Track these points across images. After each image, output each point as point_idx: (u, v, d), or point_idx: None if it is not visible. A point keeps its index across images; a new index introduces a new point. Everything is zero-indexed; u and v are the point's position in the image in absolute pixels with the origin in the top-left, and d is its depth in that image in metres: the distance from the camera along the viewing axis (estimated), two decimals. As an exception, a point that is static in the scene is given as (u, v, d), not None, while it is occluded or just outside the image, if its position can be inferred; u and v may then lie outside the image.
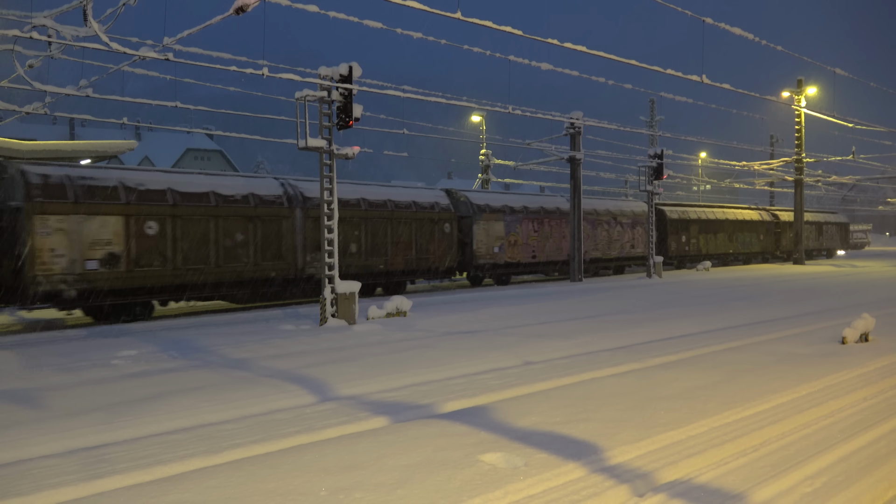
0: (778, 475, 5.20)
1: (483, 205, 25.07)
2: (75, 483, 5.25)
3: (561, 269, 28.78)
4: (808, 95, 38.54)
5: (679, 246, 35.98)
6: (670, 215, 35.31)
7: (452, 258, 23.30)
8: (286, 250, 18.45)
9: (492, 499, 4.64)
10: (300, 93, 14.31)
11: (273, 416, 7.14)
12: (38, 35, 11.46)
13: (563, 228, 28.12)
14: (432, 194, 23.60)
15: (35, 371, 9.73)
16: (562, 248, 28.11)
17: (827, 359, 9.59)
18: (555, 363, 9.91)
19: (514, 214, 26.12)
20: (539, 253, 27.11)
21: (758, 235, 42.52)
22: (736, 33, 16.18)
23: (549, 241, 27.67)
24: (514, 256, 26.01)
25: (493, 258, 25.12)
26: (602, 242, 30.67)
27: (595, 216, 30.39)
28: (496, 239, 25.21)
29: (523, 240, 26.37)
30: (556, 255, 28.06)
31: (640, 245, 32.90)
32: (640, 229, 32.88)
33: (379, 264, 20.92)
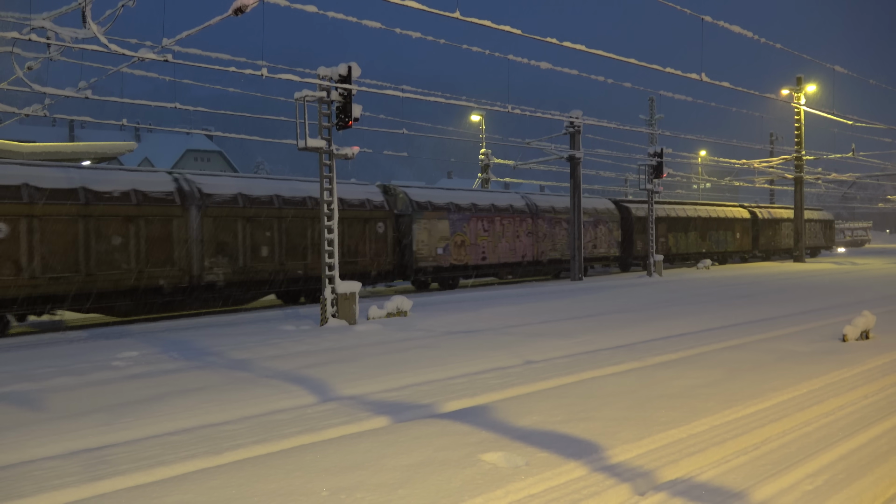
0: (779, 473, 5.20)
1: (424, 202, 23.12)
2: (77, 484, 5.25)
3: (515, 272, 27.02)
4: (807, 93, 38.54)
5: (645, 246, 33.35)
6: (636, 213, 33.38)
7: (388, 261, 21.37)
8: (179, 255, 16.39)
9: (493, 498, 4.64)
10: (299, 93, 14.31)
11: (274, 417, 7.14)
12: (37, 37, 11.47)
13: (517, 227, 26.44)
14: (363, 190, 21.43)
15: (36, 372, 9.73)
16: (516, 248, 26.38)
17: (828, 356, 9.59)
18: (555, 362, 9.91)
19: (460, 212, 24.13)
20: (490, 254, 25.19)
21: (734, 234, 40.68)
22: (735, 31, 16.19)
23: (501, 242, 25.81)
24: (461, 258, 24.02)
25: (437, 260, 23.14)
26: (561, 242, 28.81)
27: (553, 214, 28.49)
28: (440, 239, 23.24)
29: (471, 240, 24.41)
30: (510, 257, 26.25)
31: (604, 245, 31.12)
32: (604, 228, 31.13)
33: (297, 269, 18.81)
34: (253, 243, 17.89)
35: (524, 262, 26.73)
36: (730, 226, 40.24)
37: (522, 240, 26.71)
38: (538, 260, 27.37)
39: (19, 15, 12.43)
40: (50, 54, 13.35)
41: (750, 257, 43.35)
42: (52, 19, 11.81)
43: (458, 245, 23.97)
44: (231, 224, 17.46)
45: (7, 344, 12.94)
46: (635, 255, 33.10)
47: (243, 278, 17.65)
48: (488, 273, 25.88)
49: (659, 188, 29.63)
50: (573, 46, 14.05)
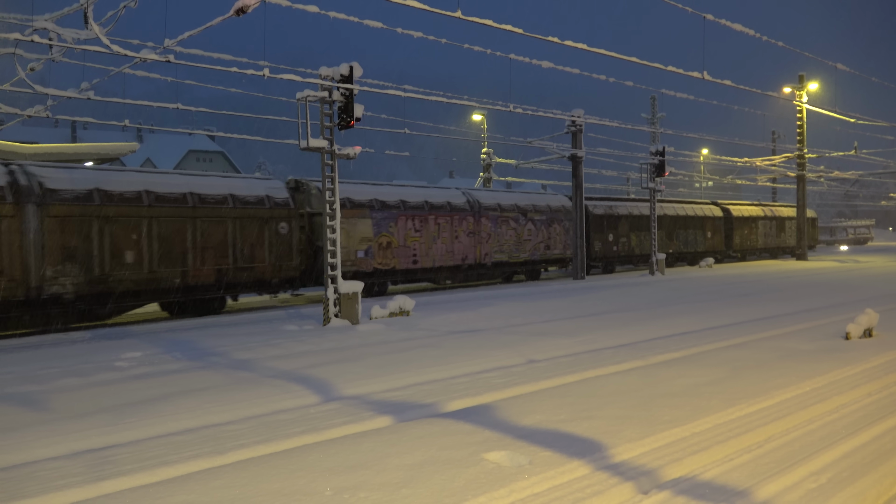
0: (782, 471, 5.20)
1: (342, 199, 20.50)
2: (81, 485, 5.27)
3: (455, 277, 24.26)
4: (809, 91, 38.48)
5: (605, 246, 31.22)
6: (594, 211, 30.63)
7: (294, 266, 18.75)
8: (9, 262, 13.92)
9: (496, 497, 4.65)
10: (301, 93, 14.32)
11: (277, 417, 7.15)
12: (39, 38, 11.49)
13: (455, 227, 23.68)
14: (262, 186, 18.78)
15: (40, 373, 9.75)
16: (454, 250, 23.58)
17: (830, 355, 9.58)
18: (558, 361, 9.91)
19: (385, 210, 21.51)
20: (422, 257, 22.41)
21: (704, 233, 37.88)
22: (737, 29, 16.17)
23: (436, 243, 23.04)
24: (387, 262, 21.46)
25: (357, 265, 20.54)
26: (509, 243, 26.07)
27: (499, 212, 25.77)
28: (361, 241, 20.63)
29: (399, 241, 21.73)
30: (448, 260, 23.43)
31: (559, 245, 28.35)
32: (559, 227, 28.40)
33: (174, 277, 16.23)
34: (114, 248, 15.39)
35: (465, 265, 23.99)
36: (700, 224, 37.64)
37: (462, 241, 23.98)
38: (481, 263, 24.64)
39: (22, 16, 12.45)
40: (52, 55, 13.39)
41: (724, 258, 40.73)
42: (55, 20, 11.84)
43: (384, 247, 21.33)
44: (84, 225, 15.00)
45: (10, 345, 12.97)
46: (593, 256, 30.49)
47: (101, 289, 15.21)
48: (422, 278, 23.39)
49: (661, 187, 29.61)
50: (575, 45, 14.05)
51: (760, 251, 43.38)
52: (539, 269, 28.22)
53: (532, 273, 28.21)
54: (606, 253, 31.20)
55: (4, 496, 5.04)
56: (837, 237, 74.05)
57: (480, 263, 24.58)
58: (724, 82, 18.20)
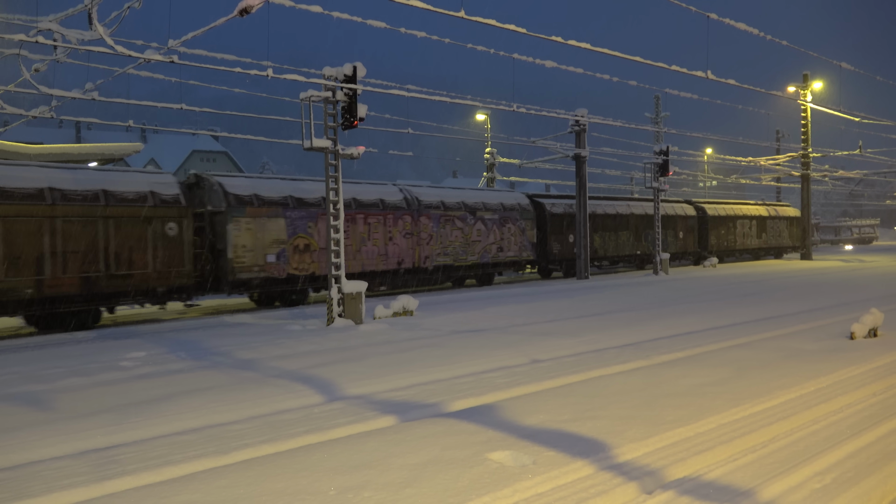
0: (787, 471, 5.19)
1: (247, 195, 18.08)
2: (86, 484, 5.28)
3: (389, 282, 21.87)
4: (813, 90, 38.40)
5: (565, 248, 28.81)
6: (551, 209, 28.36)
7: (187, 272, 16.50)
8: None
9: (500, 497, 4.65)
10: (305, 93, 14.34)
11: (281, 416, 7.16)
12: (43, 39, 11.52)
13: (389, 227, 21.42)
14: (146, 180, 16.38)
15: (45, 373, 9.78)
16: (388, 253, 21.36)
17: (835, 354, 9.56)
18: (562, 361, 9.90)
19: (303, 209, 19.14)
20: (349, 261, 20.07)
21: (675, 233, 35.43)
22: (741, 28, 16.13)
23: (366, 245, 20.73)
24: (305, 267, 19.09)
25: (267, 270, 18.13)
26: (454, 245, 23.63)
27: (442, 211, 23.32)
28: (272, 243, 18.30)
29: (321, 243, 19.40)
30: (380, 264, 21.17)
31: (513, 247, 26.15)
32: (513, 227, 26.14)
33: (24, 287, 13.87)
34: None
35: (401, 269, 21.71)
36: (670, 224, 35.25)
37: (398, 242, 21.63)
38: (421, 267, 22.27)
39: (26, 17, 12.49)
40: (56, 56, 13.43)
41: (698, 260, 38.43)
42: (59, 21, 11.87)
43: (301, 250, 18.93)
44: None
45: (15, 345, 13.01)
46: (552, 258, 28.31)
47: None
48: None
49: (665, 186, 29.58)
50: (578, 45, 14.04)
51: (740, 252, 41.08)
52: (491, 273, 26.11)
53: (484, 278, 26.19)
54: (566, 255, 28.86)
55: (10, 495, 5.06)
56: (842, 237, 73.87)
57: (420, 267, 22.22)
58: (728, 81, 18.16)
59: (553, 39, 13.67)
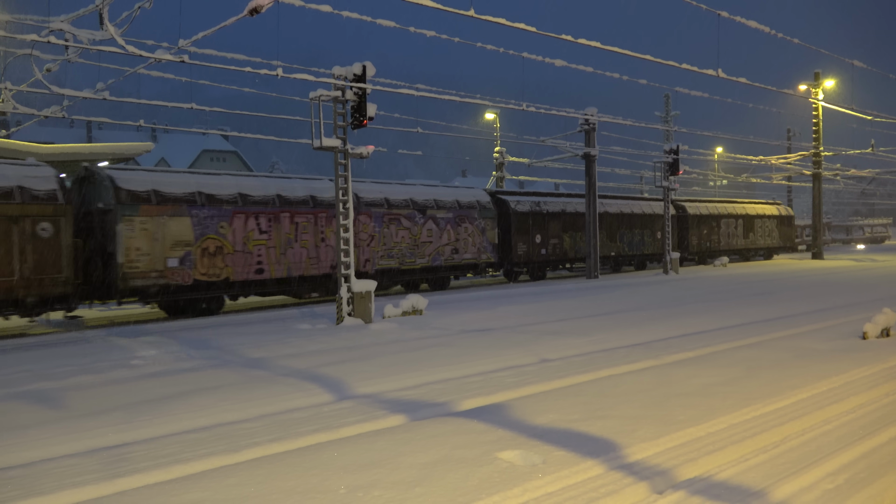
0: (799, 472, 5.15)
1: (144, 191, 16.02)
2: (97, 482, 5.31)
3: (322, 288, 19.82)
4: (825, 88, 38.14)
5: (532, 249, 26.80)
6: (515, 207, 26.33)
7: (64, 279, 14.57)
8: None
9: (510, 496, 4.64)
10: (314, 93, 14.36)
11: (291, 415, 7.17)
12: (55, 39, 11.59)
13: (323, 227, 19.31)
14: (16, 174, 14.49)
15: (56, 371, 9.84)
16: (320, 256, 19.22)
17: (847, 354, 9.49)
18: (571, 360, 9.88)
19: (214, 206, 17.12)
20: (272, 265, 18.15)
21: (653, 233, 33.62)
22: (752, 26, 16.04)
23: (293, 248, 18.72)
24: (217, 272, 17.03)
25: (168, 276, 16.18)
26: (401, 247, 21.57)
27: (385, 209, 21.21)
28: (175, 245, 16.33)
29: (235, 245, 17.45)
30: (311, 268, 19.01)
31: (471, 249, 23.92)
32: (470, 227, 23.94)
33: None
34: None
35: (335, 273, 18.86)
36: (648, 223, 33.31)
37: (333, 243, 19.36)
38: (361, 270, 20.30)
39: (38, 17, 12.57)
40: (68, 56, 13.51)
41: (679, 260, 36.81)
42: (70, 21, 11.93)
43: (211, 253, 16.93)
44: None
45: (27, 343, 13.10)
46: (516, 260, 26.26)
47: None
48: (273, 290, 18.80)
49: (675, 185, 29.48)
50: (588, 43, 13.99)
51: (724, 253, 38.45)
52: (446, 276, 23.98)
53: (438, 282, 23.89)
54: (533, 257, 26.91)
55: (22, 493, 5.09)
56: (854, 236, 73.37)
57: (359, 271, 20.22)
58: (739, 80, 18.05)
59: (563, 38, 13.63)
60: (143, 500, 4.69)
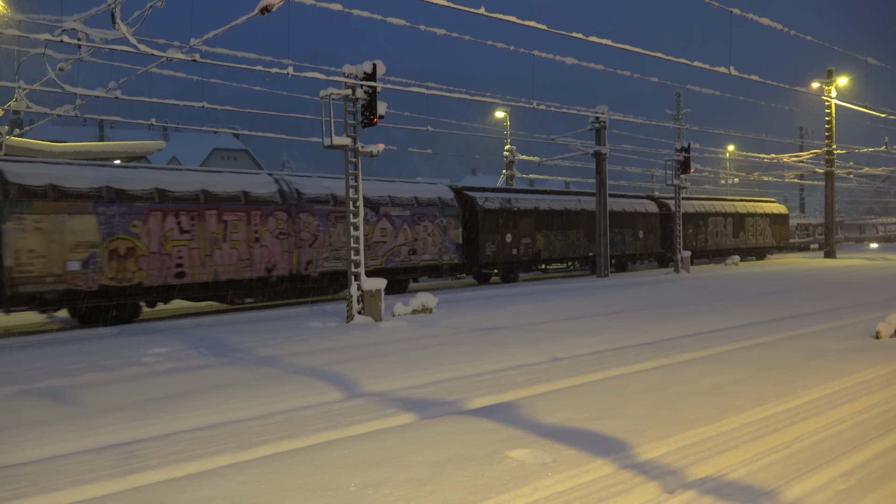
0: (811, 472, 5.12)
1: (39, 186, 14.36)
2: (109, 478, 5.34)
3: (258, 292, 18.06)
4: (838, 86, 37.85)
5: (502, 248, 24.98)
6: (483, 204, 24.49)
7: None
8: None
9: (520, 495, 4.63)
10: (325, 91, 14.39)
11: (301, 413, 7.19)
12: (68, 38, 11.67)
13: (257, 225, 17.73)
14: None
15: (69, 368, 9.91)
16: (254, 257, 17.60)
17: (860, 354, 9.41)
18: (582, 359, 9.86)
19: (126, 203, 15.42)
20: (195, 268, 16.48)
21: (634, 232, 31.80)
22: (764, 24, 15.94)
23: (221, 249, 17.01)
24: (128, 276, 15.36)
25: (68, 281, 14.53)
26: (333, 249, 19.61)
27: (332, 206, 19.50)
28: (77, 247, 14.67)
29: (151, 246, 15.81)
30: (243, 271, 17.33)
31: (431, 249, 22.11)
32: (430, 226, 22.17)
33: None
34: None
35: (272, 277, 17.94)
36: (629, 222, 31.53)
37: (268, 244, 17.92)
38: (303, 274, 18.64)
39: (51, 17, 12.66)
40: (80, 55, 13.60)
41: (662, 262, 35.17)
42: (83, 21, 12.01)
43: (121, 255, 15.24)
44: None
45: (40, 340, 13.20)
46: (484, 262, 24.42)
47: None
48: (198, 295, 16.99)
49: (686, 184, 29.35)
50: (599, 41, 13.95)
51: (712, 254, 37.07)
52: (403, 280, 22.10)
53: (393, 285, 21.63)
54: (503, 258, 25.08)
55: (35, 489, 5.13)
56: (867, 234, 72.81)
57: (300, 274, 18.58)
58: (752, 78, 17.94)
59: (573, 36, 13.59)
60: (154, 497, 4.71)
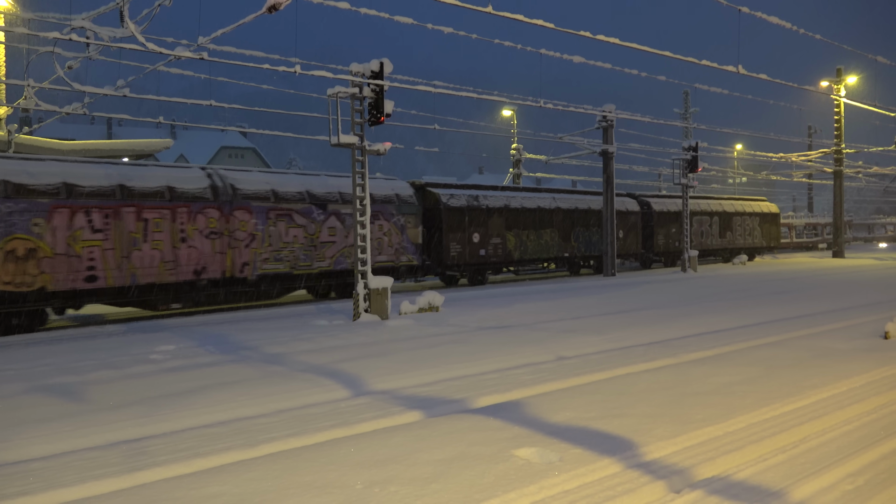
0: (818, 472, 5.10)
1: None
2: (117, 475, 5.37)
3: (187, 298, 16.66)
4: (847, 85, 37.66)
5: (468, 249, 23.43)
6: (448, 202, 22.88)
7: None
8: None
9: (526, 493, 4.63)
10: (332, 90, 14.41)
11: (308, 410, 7.21)
12: (77, 37, 11.71)
13: (184, 224, 16.12)
14: None
15: (78, 365, 9.97)
16: (180, 259, 16.06)
17: (869, 354, 9.38)
18: (588, 358, 9.85)
19: (24, 199, 14.11)
20: (110, 270, 15.05)
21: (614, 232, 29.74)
22: (773, 22, 15.87)
23: (141, 249, 15.46)
24: (29, 281, 14.06)
25: None
26: (293, 248, 18.25)
27: (272, 202, 17.92)
28: None
29: (57, 247, 14.41)
30: (167, 274, 15.80)
31: (388, 249, 20.46)
32: (387, 224, 20.46)
33: None
34: None
35: (202, 280, 16.41)
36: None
37: (197, 244, 16.34)
38: (237, 277, 17.09)
39: (60, 15, 12.71)
40: (89, 53, 13.65)
41: (643, 263, 34.19)
42: (92, 19, 12.06)
43: (19, 257, 13.90)
44: None
45: (49, 337, 13.27)
46: (449, 263, 22.79)
47: None
48: (114, 300, 15.54)
49: (694, 183, 29.29)
50: (607, 40, 13.92)
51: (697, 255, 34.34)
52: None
53: (344, 288, 20.25)
54: (469, 258, 23.47)
55: (44, 485, 5.16)
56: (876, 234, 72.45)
57: (236, 277, 17.05)
58: (760, 76, 17.87)
59: (581, 34, 13.57)
60: (162, 494, 4.74)
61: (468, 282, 24.82)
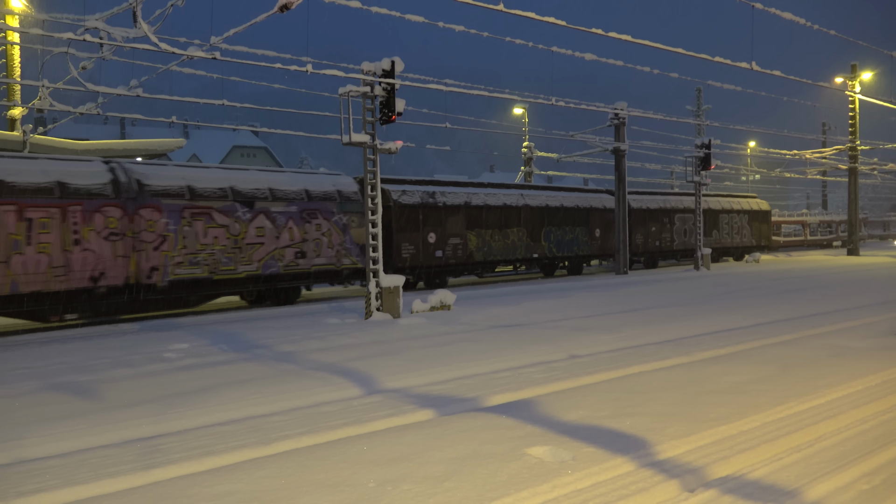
0: (834, 472, 5.06)
1: None
2: (131, 472, 5.41)
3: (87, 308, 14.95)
4: (862, 81, 37.31)
5: (423, 250, 21.95)
6: (399, 199, 21.53)
7: None
8: None
9: (539, 492, 4.62)
10: (343, 88, 14.43)
11: (320, 409, 7.23)
12: (90, 37, 11.79)
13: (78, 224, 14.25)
14: None
15: (93, 364, 10.04)
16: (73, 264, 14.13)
17: (885, 352, 9.29)
18: (601, 356, 9.82)
19: None
20: None
21: (589, 230, 28.54)
22: (786, 18, 15.74)
23: (22, 254, 13.55)
24: None
25: None
26: (213, 250, 16.41)
27: (188, 199, 16.15)
28: None
29: None
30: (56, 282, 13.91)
31: (327, 251, 18.64)
32: (326, 223, 18.64)
33: None
34: None
35: (100, 288, 14.53)
36: (582, 219, 28.21)
37: (95, 247, 14.48)
38: (144, 283, 15.23)
39: (74, 16, 12.80)
40: (103, 54, 13.75)
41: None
42: (105, 20, 12.13)
43: None
44: None
45: (65, 336, 13.38)
46: (401, 265, 21.36)
47: None
48: None
49: (707, 180, 29.13)
50: (619, 37, 13.86)
51: (679, 254, 33.65)
52: (290, 288, 18.66)
53: (280, 295, 18.71)
54: (424, 260, 22.02)
55: (59, 482, 5.21)
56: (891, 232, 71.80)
57: (141, 284, 15.22)
58: (773, 73, 17.73)
59: (593, 32, 13.51)
60: (176, 491, 4.76)
61: (425, 285, 23.26)
